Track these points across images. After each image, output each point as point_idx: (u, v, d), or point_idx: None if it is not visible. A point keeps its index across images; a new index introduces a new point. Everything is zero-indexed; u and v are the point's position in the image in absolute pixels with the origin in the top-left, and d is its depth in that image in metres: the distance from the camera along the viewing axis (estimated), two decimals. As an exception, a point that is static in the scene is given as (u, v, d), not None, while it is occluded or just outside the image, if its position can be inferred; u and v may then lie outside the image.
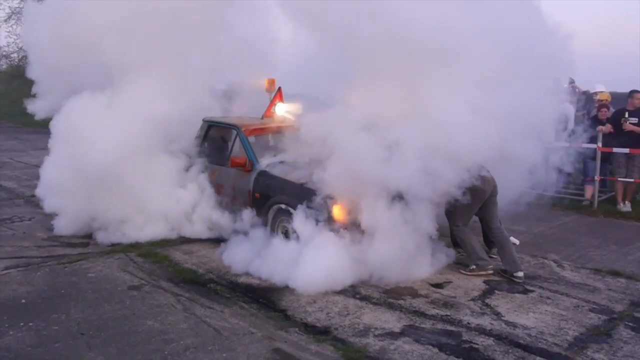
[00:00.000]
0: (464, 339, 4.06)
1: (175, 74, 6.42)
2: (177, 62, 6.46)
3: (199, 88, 6.81)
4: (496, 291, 5.00)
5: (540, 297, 4.89)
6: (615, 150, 8.23)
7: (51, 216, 6.75)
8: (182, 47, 6.48)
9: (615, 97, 9.78)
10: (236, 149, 6.37)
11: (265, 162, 6.04)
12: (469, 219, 5.47)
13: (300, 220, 5.20)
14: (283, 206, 5.55)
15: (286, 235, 5.53)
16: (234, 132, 6.45)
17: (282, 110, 6.85)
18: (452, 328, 4.23)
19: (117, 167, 5.93)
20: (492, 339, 4.06)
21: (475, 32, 4.95)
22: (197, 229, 6.39)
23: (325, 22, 5.37)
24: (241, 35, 7.04)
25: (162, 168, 6.46)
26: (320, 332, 4.13)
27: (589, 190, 8.48)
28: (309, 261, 4.88)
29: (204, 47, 6.92)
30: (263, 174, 5.91)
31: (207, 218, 6.33)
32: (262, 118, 6.87)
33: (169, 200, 6.35)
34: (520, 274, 5.23)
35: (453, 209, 5.31)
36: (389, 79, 5.14)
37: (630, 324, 4.39)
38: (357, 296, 4.81)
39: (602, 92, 9.38)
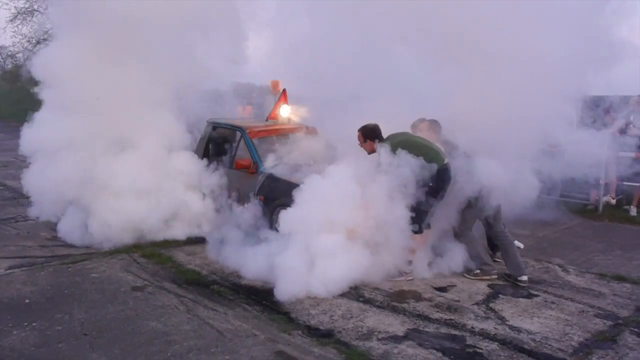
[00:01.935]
0: (468, 343, 4.04)
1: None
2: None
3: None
4: (500, 295, 4.98)
5: (545, 301, 4.86)
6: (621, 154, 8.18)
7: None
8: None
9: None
10: (241, 151, 6.37)
11: (270, 164, 6.04)
12: (474, 222, 5.45)
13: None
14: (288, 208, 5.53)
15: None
16: (239, 134, 6.44)
17: (287, 112, 6.85)
18: (456, 332, 4.21)
19: None
20: (496, 343, 4.04)
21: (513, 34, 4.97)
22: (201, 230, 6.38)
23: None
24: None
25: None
26: (323, 335, 4.12)
27: (594, 194, 8.44)
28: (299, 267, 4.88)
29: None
30: (268, 176, 5.90)
31: (211, 219, 6.33)
32: (266, 120, 6.87)
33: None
34: (525, 278, 5.21)
35: (460, 211, 5.30)
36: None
37: (635, 329, 4.35)
38: (361, 299, 4.79)
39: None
